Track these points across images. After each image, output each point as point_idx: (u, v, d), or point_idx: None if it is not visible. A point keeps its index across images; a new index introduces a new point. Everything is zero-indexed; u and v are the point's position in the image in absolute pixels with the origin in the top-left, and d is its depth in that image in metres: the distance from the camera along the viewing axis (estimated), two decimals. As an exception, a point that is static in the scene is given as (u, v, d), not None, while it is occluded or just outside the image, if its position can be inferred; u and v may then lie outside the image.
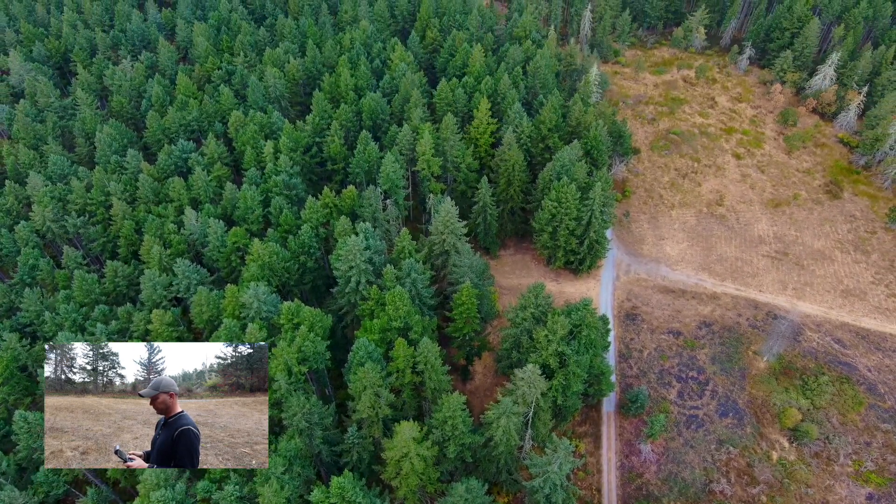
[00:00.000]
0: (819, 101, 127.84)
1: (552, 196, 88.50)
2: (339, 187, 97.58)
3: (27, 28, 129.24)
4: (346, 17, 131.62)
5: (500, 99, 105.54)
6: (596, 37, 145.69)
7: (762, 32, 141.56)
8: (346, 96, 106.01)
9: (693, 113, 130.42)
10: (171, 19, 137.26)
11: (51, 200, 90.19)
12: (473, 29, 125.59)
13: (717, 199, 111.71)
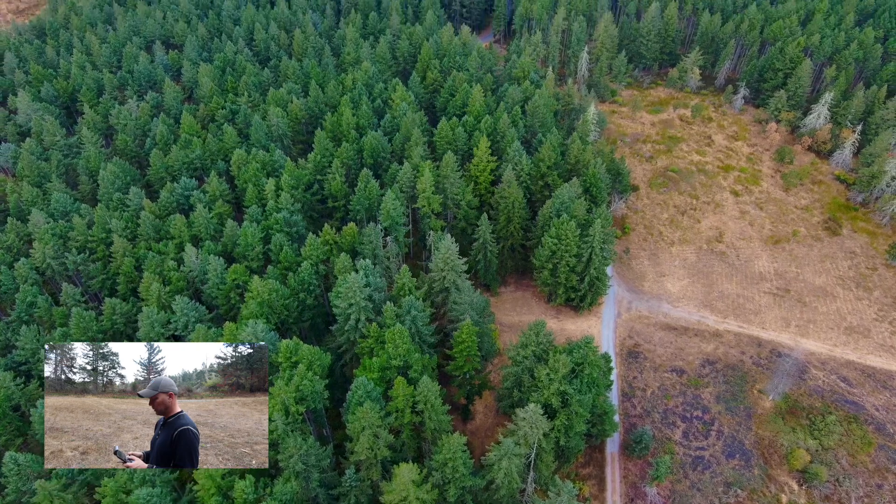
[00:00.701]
0: (814, 139, 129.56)
1: (552, 233, 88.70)
2: (339, 224, 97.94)
3: (36, 69, 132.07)
4: (348, 58, 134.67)
5: (499, 137, 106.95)
6: (593, 77, 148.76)
7: (756, 73, 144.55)
8: (348, 135, 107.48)
9: (690, 151, 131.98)
10: (177, 61, 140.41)
11: (52, 237, 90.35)
12: (473, 70, 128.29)
13: (717, 236, 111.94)
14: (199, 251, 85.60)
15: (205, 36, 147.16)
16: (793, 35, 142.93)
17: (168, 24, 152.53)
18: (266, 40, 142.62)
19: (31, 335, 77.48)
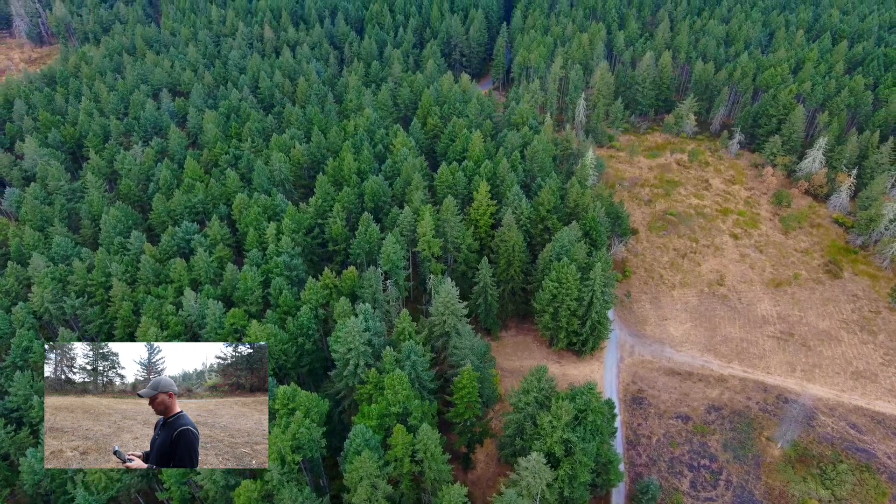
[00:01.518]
0: (811, 183, 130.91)
1: (552, 276, 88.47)
2: (339, 268, 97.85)
3: (45, 116, 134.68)
4: (350, 105, 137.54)
5: (499, 182, 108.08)
6: (591, 123, 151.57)
7: (750, 119, 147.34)
8: (349, 179, 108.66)
9: (688, 195, 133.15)
10: (183, 107, 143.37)
11: (51, 281, 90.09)
12: (473, 116, 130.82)
13: (718, 279, 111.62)
14: (198, 295, 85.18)
15: (211, 84, 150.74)
16: (784, 83, 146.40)
17: (175, 73, 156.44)
18: (270, 88, 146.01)
19: (25, 381, 76.22)
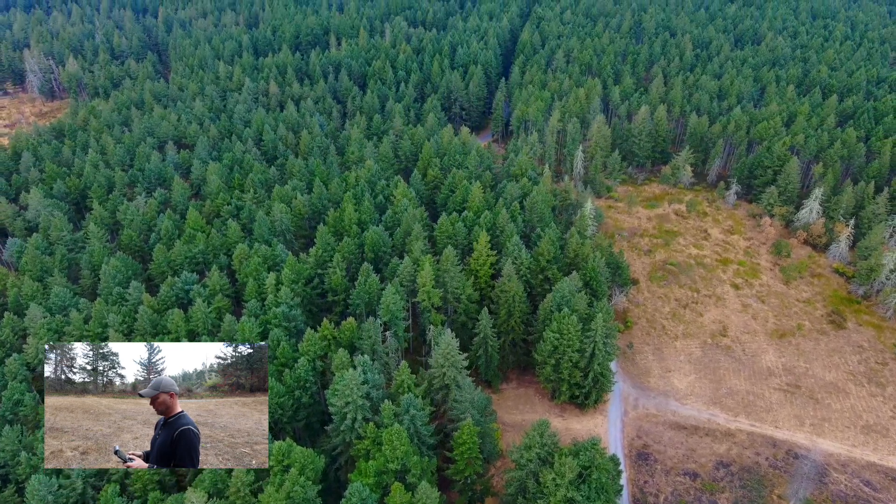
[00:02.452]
0: (809, 233, 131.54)
1: (553, 327, 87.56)
2: (338, 319, 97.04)
3: (51, 167, 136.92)
4: (352, 157, 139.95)
5: (498, 232, 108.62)
6: (589, 174, 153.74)
7: (746, 170, 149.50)
8: (350, 230, 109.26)
9: (688, 245, 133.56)
10: (188, 159, 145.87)
11: (47, 332, 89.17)
12: (472, 168, 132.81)
13: (721, 330, 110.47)
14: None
15: (216, 136, 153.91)
16: (778, 135, 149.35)
17: (182, 126, 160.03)
18: (274, 140, 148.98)
19: (14, 436, 74.23)
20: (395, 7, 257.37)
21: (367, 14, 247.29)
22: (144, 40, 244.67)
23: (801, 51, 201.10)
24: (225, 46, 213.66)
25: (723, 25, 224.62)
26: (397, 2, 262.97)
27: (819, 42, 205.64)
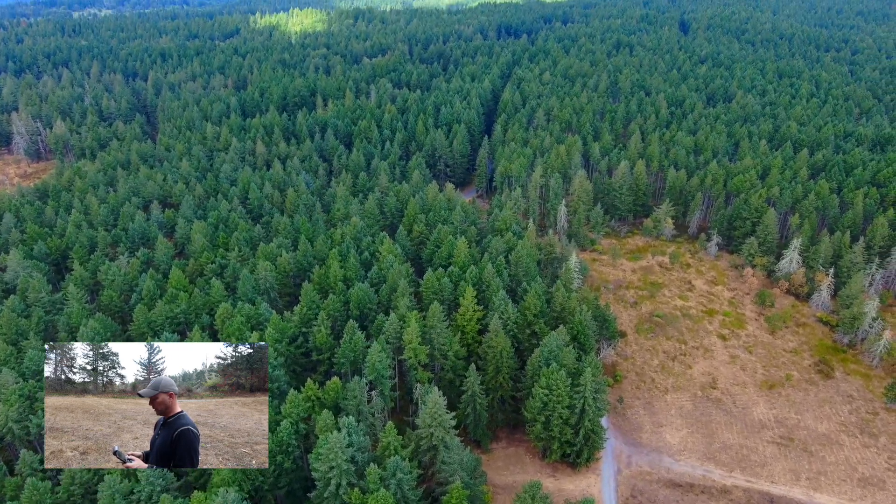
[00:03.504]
0: (791, 282, 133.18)
1: (542, 383, 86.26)
2: (323, 378, 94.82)
3: (32, 228, 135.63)
4: (338, 214, 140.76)
5: (484, 287, 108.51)
6: (572, 228, 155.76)
7: (725, 222, 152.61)
8: (335, 287, 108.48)
9: (673, 296, 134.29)
10: (172, 218, 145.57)
11: (18, 398, 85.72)
12: (457, 223, 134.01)
13: (711, 382, 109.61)
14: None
15: (201, 195, 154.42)
16: (754, 188, 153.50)
17: (168, 185, 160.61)
18: (260, 198, 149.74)
19: (-24, 512, 70.08)
20: (381, 70, 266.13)
21: (354, 77, 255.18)
22: (133, 103, 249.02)
23: (771, 108, 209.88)
24: (213, 108, 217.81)
25: (695, 85, 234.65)
26: (383, 65, 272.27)
27: (787, 99, 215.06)
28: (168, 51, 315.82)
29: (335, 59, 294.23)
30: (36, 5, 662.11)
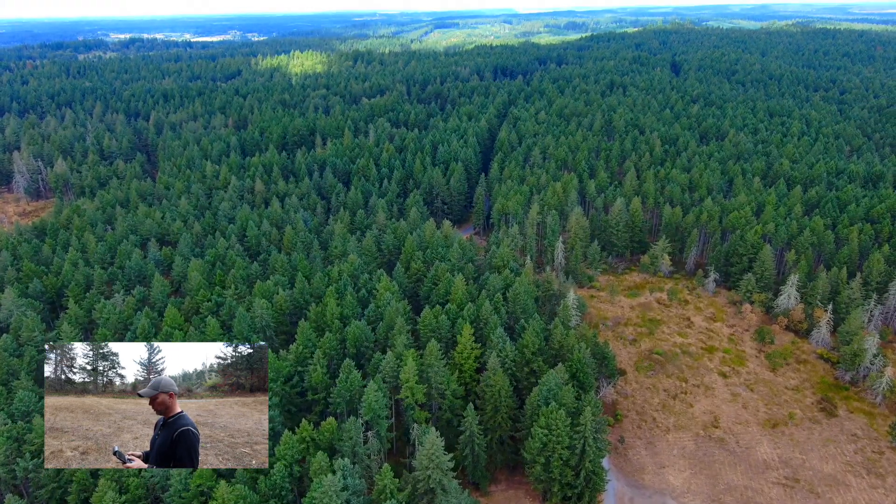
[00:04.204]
0: (790, 319, 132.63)
1: (541, 422, 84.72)
2: (318, 418, 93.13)
3: (29, 266, 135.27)
4: (335, 251, 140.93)
5: (482, 324, 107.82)
6: (570, 265, 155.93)
7: (722, 258, 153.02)
8: (332, 325, 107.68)
9: (672, 333, 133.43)
10: (170, 256, 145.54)
11: (6, 440, 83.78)
12: (455, 260, 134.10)
13: (713, 421, 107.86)
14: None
15: (199, 233, 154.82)
16: (749, 224, 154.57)
17: (166, 223, 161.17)
18: (258, 236, 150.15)
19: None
20: (379, 110, 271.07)
21: (352, 116, 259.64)
22: (135, 142, 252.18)
23: (763, 146, 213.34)
24: (213, 147, 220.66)
25: (688, 123, 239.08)
26: (381, 105, 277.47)
27: (778, 138, 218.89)
28: (170, 91, 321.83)
29: (334, 99, 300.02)
30: (42, 48, 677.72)
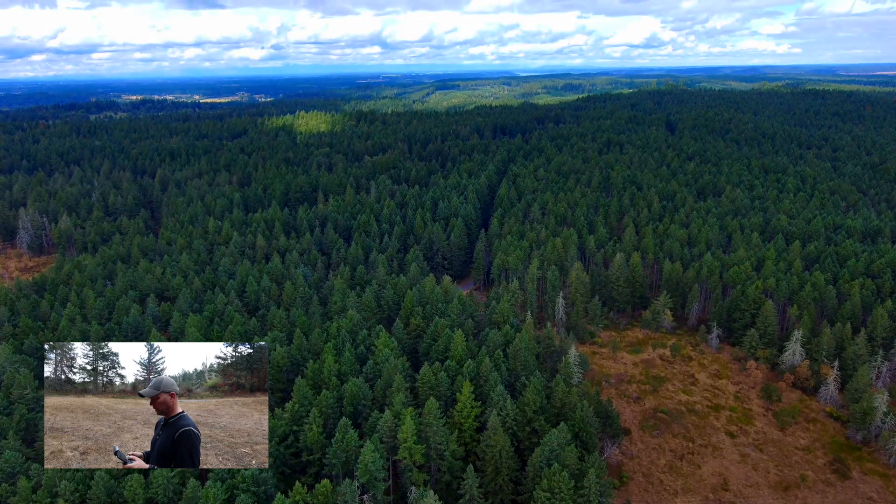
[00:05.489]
0: (796, 375, 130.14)
1: (544, 485, 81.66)
2: (312, 480, 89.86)
3: (26, 322, 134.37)
4: (335, 307, 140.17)
5: (482, 381, 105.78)
6: (571, 320, 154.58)
7: (724, 313, 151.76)
8: (329, 382, 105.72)
9: (676, 390, 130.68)
10: (168, 312, 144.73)
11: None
12: (455, 316, 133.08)
13: (722, 483, 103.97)
14: (151, 518, 76.26)
15: (199, 289, 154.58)
16: (750, 279, 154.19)
17: (166, 279, 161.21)
18: (257, 292, 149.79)
19: None
20: (381, 167, 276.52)
21: (354, 173, 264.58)
22: (140, 198, 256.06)
23: (760, 201, 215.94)
24: (217, 203, 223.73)
25: (684, 180, 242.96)
26: (383, 162, 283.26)
27: (774, 194, 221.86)
28: (177, 149, 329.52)
29: (337, 157, 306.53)
30: (56, 108, 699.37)
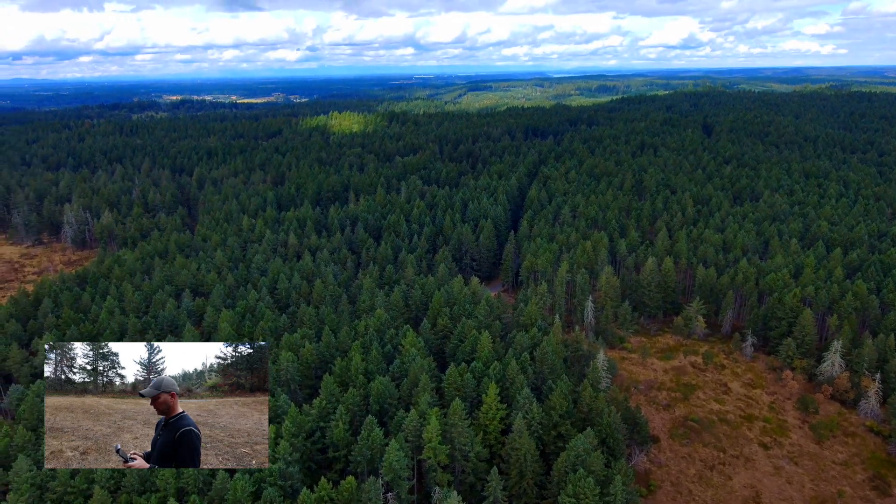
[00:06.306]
0: (835, 387, 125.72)
1: (569, 491, 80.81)
2: (338, 477, 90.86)
3: (68, 313, 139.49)
4: (363, 306, 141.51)
5: (508, 384, 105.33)
6: (600, 325, 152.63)
7: (760, 321, 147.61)
8: (356, 380, 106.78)
9: (708, 399, 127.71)
10: (202, 307, 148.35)
11: (29, 488, 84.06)
12: (482, 317, 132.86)
13: (754, 496, 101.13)
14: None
15: (232, 285, 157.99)
16: (788, 287, 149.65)
17: (201, 274, 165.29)
18: (288, 289, 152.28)
19: None
20: (412, 167, 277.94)
21: (385, 173, 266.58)
22: (177, 196, 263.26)
23: (799, 207, 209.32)
24: (251, 202, 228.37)
25: (720, 184, 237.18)
26: (414, 163, 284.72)
27: (815, 199, 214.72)
28: (214, 149, 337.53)
29: (369, 157, 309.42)
30: (101, 108, 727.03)
